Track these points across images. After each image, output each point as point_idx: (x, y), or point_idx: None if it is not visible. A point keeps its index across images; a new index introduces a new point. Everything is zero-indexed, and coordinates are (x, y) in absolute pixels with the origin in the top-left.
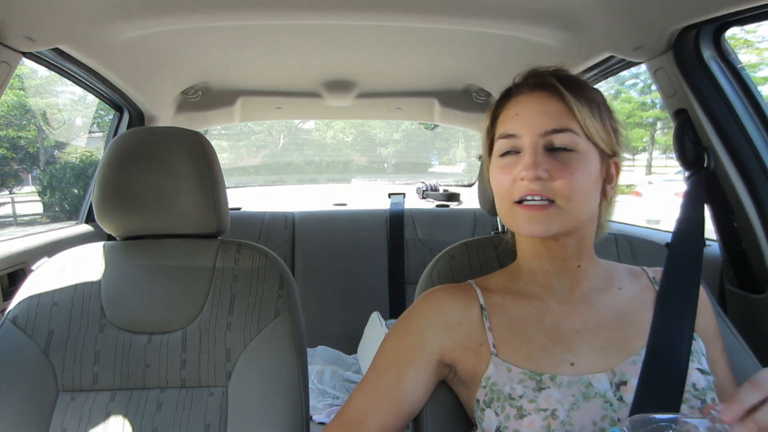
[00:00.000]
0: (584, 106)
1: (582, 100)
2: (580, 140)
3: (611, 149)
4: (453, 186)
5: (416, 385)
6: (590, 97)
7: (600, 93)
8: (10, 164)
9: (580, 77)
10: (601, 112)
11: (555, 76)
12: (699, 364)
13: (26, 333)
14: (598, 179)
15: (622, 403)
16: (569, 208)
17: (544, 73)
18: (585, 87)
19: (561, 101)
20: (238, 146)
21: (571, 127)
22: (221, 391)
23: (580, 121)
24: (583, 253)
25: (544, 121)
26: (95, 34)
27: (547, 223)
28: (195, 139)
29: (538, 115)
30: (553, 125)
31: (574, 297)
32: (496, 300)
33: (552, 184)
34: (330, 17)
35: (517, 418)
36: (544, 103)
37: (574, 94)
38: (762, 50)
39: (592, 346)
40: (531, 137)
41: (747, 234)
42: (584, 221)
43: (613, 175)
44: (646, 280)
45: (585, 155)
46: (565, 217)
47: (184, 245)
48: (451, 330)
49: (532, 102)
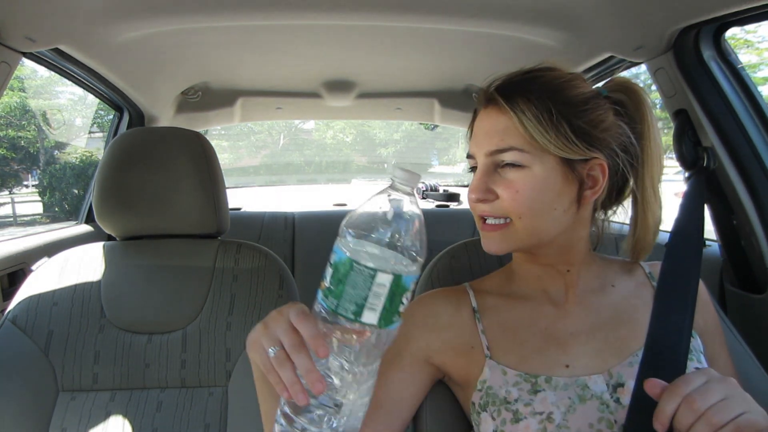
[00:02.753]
0: (531, 118)
1: (529, 110)
2: (527, 155)
3: (579, 154)
4: (453, 186)
5: (402, 385)
6: (545, 103)
7: (577, 90)
8: (10, 164)
9: (548, 77)
10: (559, 117)
11: (509, 85)
12: (698, 363)
13: (26, 333)
14: (561, 190)
15: (619, 405)
16: (524, 225)
17: (489, 88)
18: (546, 91)
19: (507, 115)
20: (238, 146)
21: (513, 145)
22: (221, 391)
23: (525, 135)
24: (571, 259)
25: (489, 140)
26: (95, 34)
27: (500, 243)
28: (195, 139)
29: (485, 134)
30: (495, 145)
31: (567, 299)
32: (489, 302)
33: (501, 204)
34: (330, 17)
35: (513, 422)
36: (492, 120)
37: (521, 105)
38: (762, 50)
39: (587, 349)
40: (481, 157)
41: (747, 234)
42: (550, 234)
43: (598, 178)
44: (642, 276)
45: (535, 169)
46: (519, 235)
47: (184, 245)
48: (439, 332)
49: (483, 119)
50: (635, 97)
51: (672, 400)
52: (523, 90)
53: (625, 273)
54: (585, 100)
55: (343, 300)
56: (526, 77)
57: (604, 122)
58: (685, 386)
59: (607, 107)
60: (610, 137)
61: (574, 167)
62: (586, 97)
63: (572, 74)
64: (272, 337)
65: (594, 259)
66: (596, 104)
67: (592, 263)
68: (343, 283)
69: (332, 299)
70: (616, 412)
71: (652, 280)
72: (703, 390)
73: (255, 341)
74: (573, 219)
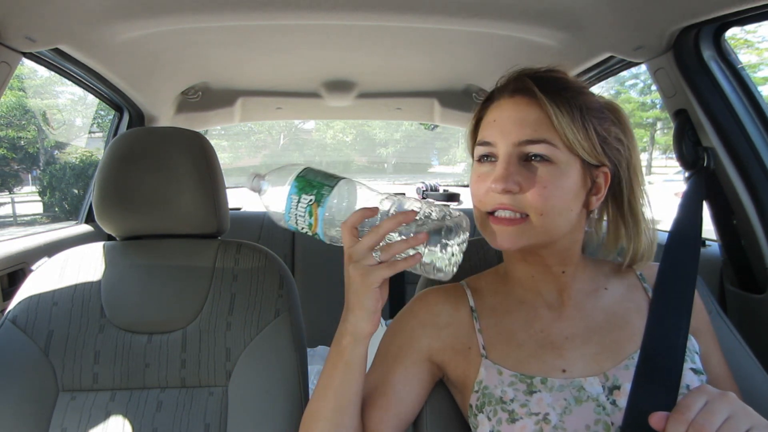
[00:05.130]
0: (565, 114)
1: (564, 106)
2: (558, 151)
3: (597, 159)
4: (453, 186)
5: (405, 383)
6: (576, 103)
7: (593, 97)
8: (10, 164)
9: (570, 80)
10: (586, 119)
11: (538, 78)
12: (692, 363)
13: (26, 333)
14: (578, 191)
15: (616, 407)
16: (542, 223)
17: (524, 77)
18: (572, 91)
19: (540, 108)
20: (238, 146)
21: (547, 138)
22: (221, 390)
23: (559, 130)
24: (567, 260)
25: (520, 130)
26: (95, 34)
27: (515, 238)
28: (195, 139)
29: (514, 123)
30: (528, 135)
31: (562, 302)
32: (486, 301)
33: (523, 198)
34: (330, 17)
35: (509, 422)
36: (522, 110)
37: (556, 99)
38: (762, 50)
39: (583, 352)
40: (505, 146)
41: (747, 234)
42: (560, 234)
43: (601, 186)
44: (633, 278)
45: (562, 167)
46: (536, 232)
47: (184, 245)
48: (440, 331)
49: (510, 108)
50: (617, 112)
51: (678, 429)
52: (556, 86)
53: (616, 275)
54: (600, 108)
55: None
56: (551, 75)
57: (613, 132)
58: (688, 411)
59: (612, 117)
60: (617, 146)
61: (590, 171)
62: (601, 105)
63: (581, 81)
64: (364, 253)
65: (586, 262)
66: (607, 114)
67: (585, 266)
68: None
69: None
70: (613, 414)
71: (643, 282)
72: (707, 411)
73: (363, 274)
74: (578, 222)
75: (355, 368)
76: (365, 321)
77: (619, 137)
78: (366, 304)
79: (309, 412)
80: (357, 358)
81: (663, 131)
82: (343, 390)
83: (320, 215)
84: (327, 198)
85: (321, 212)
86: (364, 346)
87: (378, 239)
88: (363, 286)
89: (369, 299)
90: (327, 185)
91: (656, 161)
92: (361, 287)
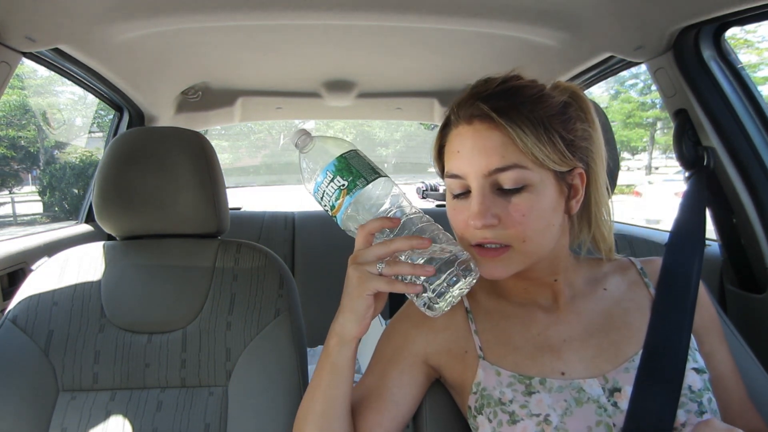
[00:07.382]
0: (529, 134)
1: (525, 125)
2: (529, 172)
3: (568, 165)
4: None
5: (400, 386)
6: (537, 115)
7: (551, 100)
8: (10, 164)
9: (525, 87)
10: (550, 131)
11: (492, 98)
12: (694, 362)
13: (26, 333)
14: (557, 204)
15: (617, 409)
16: (526, 248)
17: (476, 103)
18: (530, 103)
19: (501, 131)
20: (238, 146)
21: (516, 162)
22: (221, 390)
23: (525, 151)
24: (557, 268)
25: (487, 159)
26: (95, 34)
27: (504, 269)
28: (195, 139)
29: (480, 152)
30: (496, 163)
31: (558, 306)
32: (481, 303)
33: (504, 230)
34: (330, 17)
35: (510, 423)
36: (484, 137)
37: (515, 119)
38: (762, 50)
39: (582, 355)
40: (476, 179)
41: (747, 234)
42: (547, 250)
43: (578, 187)
44: (635, 274)
45: (537, 187)
46: (522, 257)
47: (184, 245)
48: (436, 334)
49: (471, 137)
50: (578, 98)
51: None
52: (512, 102)
53: (616, 273)
54: (563, 109)
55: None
56: (508, 88)
57: (578, 130)
58: None
59: (575, 113)
60: (585, 144)
61: (564, 179)
62: (562, 105)
63: (538, 83)
64: (370, 260)
65: (580, 263)
66: (570, 112)
67: (580, 268)
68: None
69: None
70: (614, 416)
71: (644, 277)
72: None
73: (361, 278)
74: (562, 230)
75: (341, 370)
76: (353, 324)
77: (585, 133)
78: (357, 308)
79: (300, 411)
80: (343, 360)
81: (663, 131)
82: (330, 391)
83: (345, 204)
84: (359, 191)
85: (347, 201)
86: (350, 350)
87: (387, 254)
88: (358, 289)
89: (361, 304)
90: (364, 177)
91: (656, 161)
92: (356, 290)
